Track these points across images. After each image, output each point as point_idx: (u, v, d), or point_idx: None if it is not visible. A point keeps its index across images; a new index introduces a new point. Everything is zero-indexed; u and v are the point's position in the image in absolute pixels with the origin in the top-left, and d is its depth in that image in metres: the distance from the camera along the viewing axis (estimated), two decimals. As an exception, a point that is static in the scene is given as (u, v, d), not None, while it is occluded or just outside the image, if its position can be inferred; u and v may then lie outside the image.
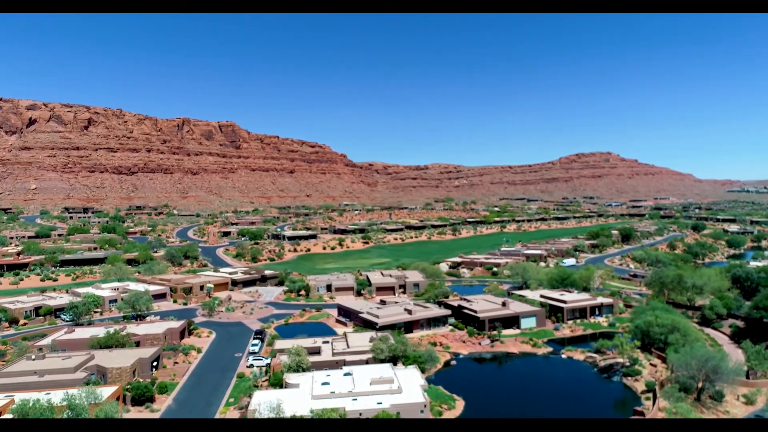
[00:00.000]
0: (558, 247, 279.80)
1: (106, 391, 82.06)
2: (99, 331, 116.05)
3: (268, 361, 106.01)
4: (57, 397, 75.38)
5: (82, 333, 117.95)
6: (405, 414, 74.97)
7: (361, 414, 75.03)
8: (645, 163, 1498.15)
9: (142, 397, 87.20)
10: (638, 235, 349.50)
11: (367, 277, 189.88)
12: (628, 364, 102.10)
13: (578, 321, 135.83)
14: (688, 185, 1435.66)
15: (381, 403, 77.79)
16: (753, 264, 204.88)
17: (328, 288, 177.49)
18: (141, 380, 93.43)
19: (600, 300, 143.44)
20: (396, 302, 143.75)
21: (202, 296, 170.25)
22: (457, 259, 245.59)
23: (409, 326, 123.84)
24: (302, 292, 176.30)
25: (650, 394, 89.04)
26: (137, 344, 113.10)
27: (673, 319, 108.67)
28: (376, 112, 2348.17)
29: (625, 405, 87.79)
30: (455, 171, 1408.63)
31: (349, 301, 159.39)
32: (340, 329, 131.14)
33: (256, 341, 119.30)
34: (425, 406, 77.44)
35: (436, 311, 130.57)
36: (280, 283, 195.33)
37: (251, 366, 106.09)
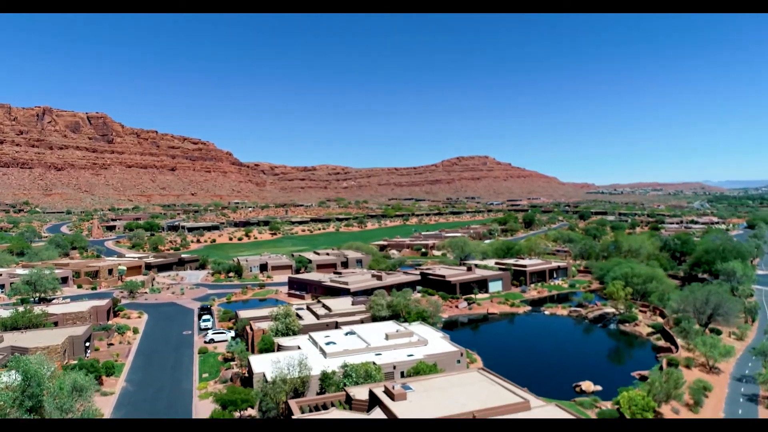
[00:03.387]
0: (475, 230, 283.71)
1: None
2: None
3: (232, 334, 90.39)
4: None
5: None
6: (442, 364, 64.71)
7: (395, 367, 63.52)
8: (518, 167, 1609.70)
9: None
10: (539, 222, 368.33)
11: (301, 256, 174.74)
12: (617, 312, 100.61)
13: (538, 284, 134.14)
14: (554, 187, 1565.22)
15: (412, 355, 66.84)
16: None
17: (262, 268, 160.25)
18: (74, 362, 73.14)
19: (556, 264, 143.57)
20: (353, 272, 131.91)
21: (113, 280, 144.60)
22: (383, 243, 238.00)
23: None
24: (231, 274, 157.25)
25: (659, 335, 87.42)
26: (55, 324, 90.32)
27: (650, 270, 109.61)
28: (262, 111, 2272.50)
29: (636, 345, 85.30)
30: (343, 172, 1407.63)
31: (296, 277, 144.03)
32: (295, 302, 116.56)
33: (207, 317, 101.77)
34: (462, 354, 67.82)
35: (405, 277, 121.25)
36: (202, 267, 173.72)
37: (211, 341, 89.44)
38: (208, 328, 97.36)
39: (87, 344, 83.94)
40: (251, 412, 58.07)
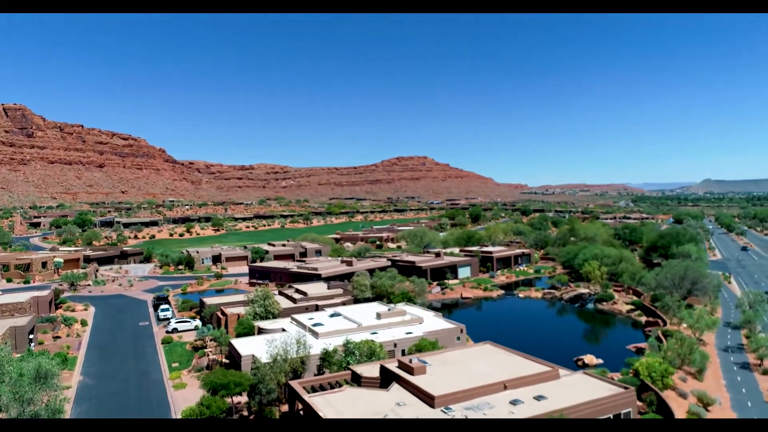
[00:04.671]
0: (426, 224, 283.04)
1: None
2: None
3: (197, 322, 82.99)
4: None
5: None
6: (443, 341, 61.05)
7: (395, 345, 59.17)
8: (456, 167, 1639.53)
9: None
10: (484, 217, 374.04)
11: (256, 247, 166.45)
12: (592, 293, 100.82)
13: (505, 270, 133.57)
14: (491, 187, 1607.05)
15: (411, 332, 62.72)
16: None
17: (215, 259, 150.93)
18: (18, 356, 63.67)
19: (520, 251, 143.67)
20: (317, 259, 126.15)
21: (49, 273, 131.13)
22: (336, 236, 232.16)
23: (349, 279, 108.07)
24: (181, 266, 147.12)
25: (639, 311, 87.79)
26: (-11, 317, 79.43)
27: (618, 251, 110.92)
28: (197, 108, 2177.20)
29: (618, 322, 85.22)
30: (282, 172, 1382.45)
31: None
32: (245, 296, 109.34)
33: (166, 307, 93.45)
34: (462, 331, 64.38)
35: (375, 263, 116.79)
36: (147, 260, 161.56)
37: (174, 330, 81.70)
38: (168, 318, 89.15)
39: (30, 337, 74.11)
40: (241, 399, 51.86)
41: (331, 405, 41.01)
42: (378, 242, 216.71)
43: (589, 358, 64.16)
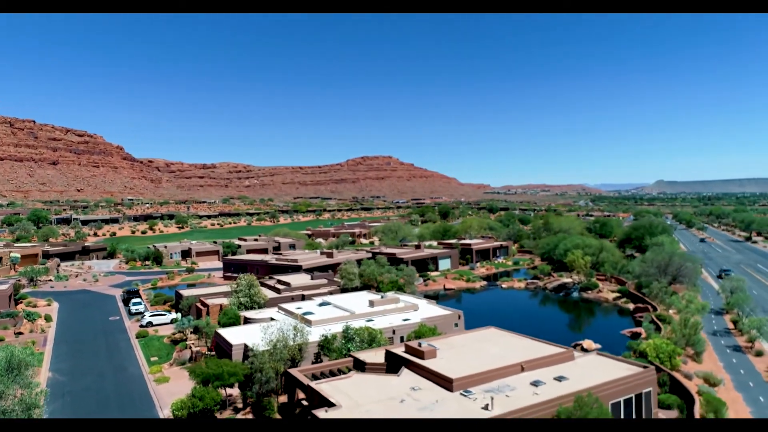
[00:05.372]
0: (397, 221, 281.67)
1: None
2: None
3: (174, 315, 78.52)
4: None
5: None
6: (441, 327, 58.81)
7: (394, 331, 56.61)
8: (420, 167, 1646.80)
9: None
10: (452, 215, 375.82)
11: (228, 241, 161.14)
12: (576, 282, 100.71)
13: (484, 262, 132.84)
14: (454, 187, 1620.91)
15: (408, 319, 60.25)
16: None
17: (185, 254, 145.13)
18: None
19: (498, 243, 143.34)
20: (293, 252, 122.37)
21: (4, 269, 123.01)
22: (307, 232, 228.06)
23: (332, 270, 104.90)
24: (148, 261, 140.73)
25: (625, 298, 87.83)
26: (-58, 312, 73.04)
27: (599, 242, 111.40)
28: (157, 105, 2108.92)
29: (606, 309, 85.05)
30: (245, 171, 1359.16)
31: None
32: (226, 287, 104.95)
33: (138, 301, 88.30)
34: (459, 317, 62.36)
35: (356, 254, 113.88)
36: (110, 255, 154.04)
37: (149, 324, 77.12)
38: (141, 312, 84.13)
39: (-10, 332, 68.33)
40: (232, 391, 48.32)
41: (340, 391, 38.16)
42: (351, 238, 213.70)
43: (588, 343, 63.13)
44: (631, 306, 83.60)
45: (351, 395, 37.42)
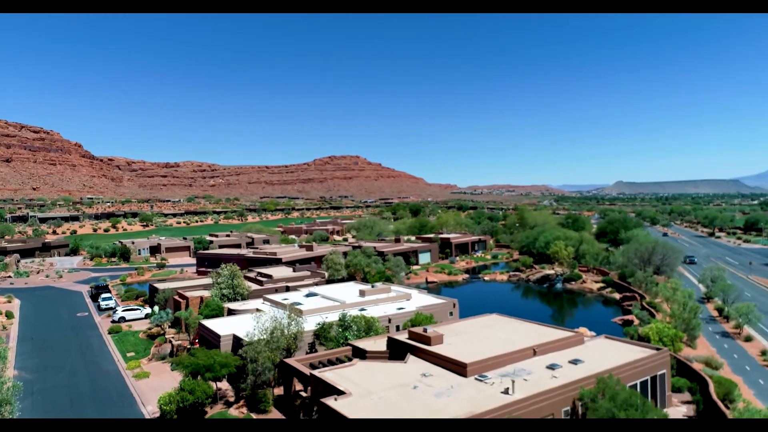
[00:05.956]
0: (374, 217, 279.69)
1: None
2: None
3: (148, 310, 74.34)
4: None
5: None
6: (437, 316, 56.84)
7: (390, 320, 54.33)
8: (388, 167, 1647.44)
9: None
10: (423, 212, 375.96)
11: (199, 237, 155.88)
12: (558, 274, 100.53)
13: (463, 256, 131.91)
14: (422, 187, 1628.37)
15: (403, 308, 58.07)
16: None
17: (154, 250, 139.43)
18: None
19: (477, 237, 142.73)
20: (271, 246, 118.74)
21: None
22: (279, 229, 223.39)
23: (314, 262, 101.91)
24: (115, 258, 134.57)
25: (610, 288, 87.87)
26: None
27: (578, 234, 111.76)
28: (117, 101, 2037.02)
29: (592, 299, 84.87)
30: (210, 170, 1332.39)
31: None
32: (204, 280, 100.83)
33: (108, 296, 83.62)
34: (454, 305, 60.56)
35: (335, 248, 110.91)
36: (73, 252, 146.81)
37: (122, 319, 72.80)
38: (112, 307, 79.52)
39: (-54, 330, 62.95)
40: (221, 384, 45.13)
41: (347, 379, 35.68)
42: (325, 234, 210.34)
43: (583, 330, 62.01)
44: (616, 295, 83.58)
45: (359, 383, 34.99)
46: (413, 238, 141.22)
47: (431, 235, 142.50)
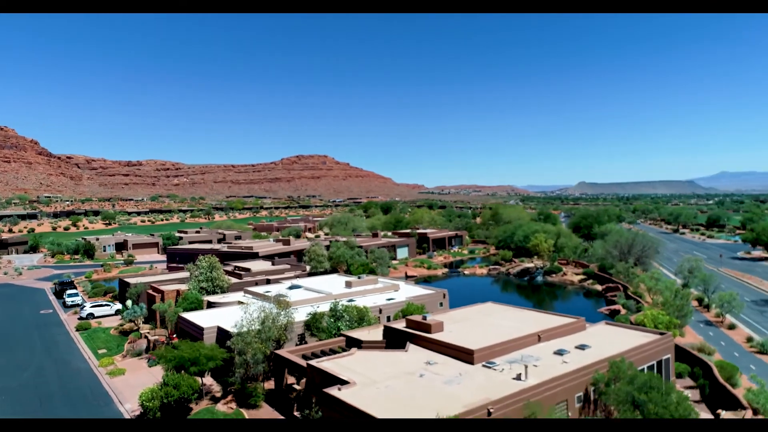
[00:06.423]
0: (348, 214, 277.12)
1: None
2: None
3: (118, 306, 70.58)
4: None
5: None
6: (428, 305, 55.25)
7: (381, 311, 52.41)
8: (356, 167, 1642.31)
9: None
10: (394, 210, 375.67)
11: (168, 233, 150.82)
12: (538, 267, 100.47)
13: (440, 251, 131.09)
14: (390, 187, 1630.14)
15: (392, 299, 56.23)
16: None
17: (120, 247, 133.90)
18: None
19: (454, 232, 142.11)
20: (245, 241, 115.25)
21: None
22: (250, 226, 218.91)
23: (292, 256, 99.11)
24: (78, 255, 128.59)
25: (591, 280, 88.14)
26: None
27: (555, 228, 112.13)
28: (76, 97, 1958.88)
29: (573, 291, 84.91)
30: (174, 168, 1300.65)
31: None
32: (179, 274, 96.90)
33: (74, 292, 79.20)
34: (444, 296, 59.10)
35: (316, 240, 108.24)
36: (33, 249, 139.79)
37: (90, 316, 68.83)
38: (79, 304, 75.18)
39: None
40: (204, 380, 42.36)
41: (347, 369, 33.60)
42: (297, 232, 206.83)
43: (572, 321, 61.58)
44: (598, 287, 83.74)
45: (361, 372, 32.97)
46: (389, 233, 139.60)
47: (408, 231, 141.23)
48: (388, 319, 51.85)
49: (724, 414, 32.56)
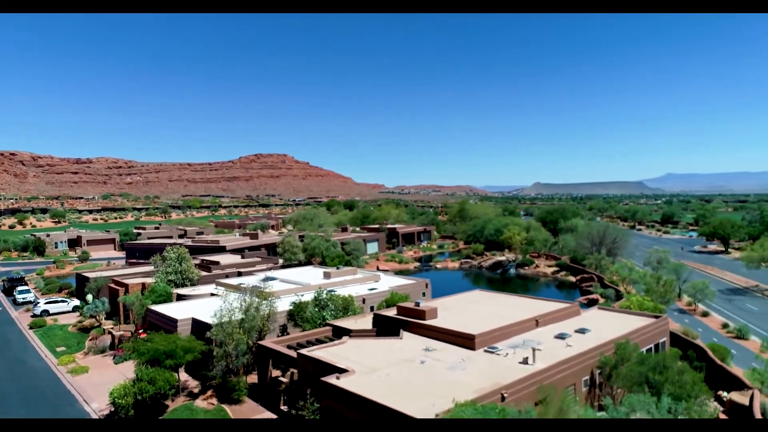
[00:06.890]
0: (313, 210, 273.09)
1: None
2: None
3: (75, 303, 66.05)
4: None
5: None
6: (412, 295, 53.56)
7: (364, 300, 50.40)
8: (316, 166, 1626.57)
9: None
10: (358, 208, 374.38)
11: (125, 229, 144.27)
12: (510, 260, 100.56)
13: (409, 246, 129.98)
14: (350, 186, 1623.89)
15: (375, 288, 54.28)
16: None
17: (73, 243, 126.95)
18: None
19: (422, 227, 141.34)
20: (211, 235, 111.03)
21: None
22: (211, 223, 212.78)
23: (262, 250, 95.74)
24: (26, 252, 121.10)
25: (564, 272, 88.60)
26: None
27: (525, 222, 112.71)
28: (21, 91, 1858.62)
29: (547, 282, 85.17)
30: (126, 166, 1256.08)
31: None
32: (142, 268, 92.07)
33: (26, 289, 73.93)
34: (426, 285, 57.55)
35: (281, 237, 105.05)
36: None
37: (45, 313, 64.04)
38: (32, 301, 70.02)
39: None
40: (179, 375, 39.26)
41: (342, 358, 31.45)
42: (266, 224, 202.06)
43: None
44: (571, 278, 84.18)
45: (358, 360, 30.90)
46: (358, 228, 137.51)
47: (377, 226, 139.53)
48: (372, 309, 49.85)
49: (730, 395, 32.14)
